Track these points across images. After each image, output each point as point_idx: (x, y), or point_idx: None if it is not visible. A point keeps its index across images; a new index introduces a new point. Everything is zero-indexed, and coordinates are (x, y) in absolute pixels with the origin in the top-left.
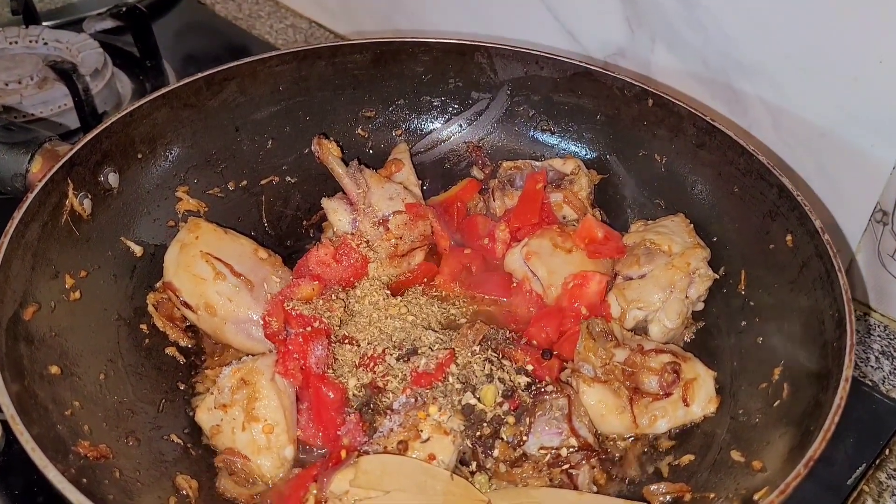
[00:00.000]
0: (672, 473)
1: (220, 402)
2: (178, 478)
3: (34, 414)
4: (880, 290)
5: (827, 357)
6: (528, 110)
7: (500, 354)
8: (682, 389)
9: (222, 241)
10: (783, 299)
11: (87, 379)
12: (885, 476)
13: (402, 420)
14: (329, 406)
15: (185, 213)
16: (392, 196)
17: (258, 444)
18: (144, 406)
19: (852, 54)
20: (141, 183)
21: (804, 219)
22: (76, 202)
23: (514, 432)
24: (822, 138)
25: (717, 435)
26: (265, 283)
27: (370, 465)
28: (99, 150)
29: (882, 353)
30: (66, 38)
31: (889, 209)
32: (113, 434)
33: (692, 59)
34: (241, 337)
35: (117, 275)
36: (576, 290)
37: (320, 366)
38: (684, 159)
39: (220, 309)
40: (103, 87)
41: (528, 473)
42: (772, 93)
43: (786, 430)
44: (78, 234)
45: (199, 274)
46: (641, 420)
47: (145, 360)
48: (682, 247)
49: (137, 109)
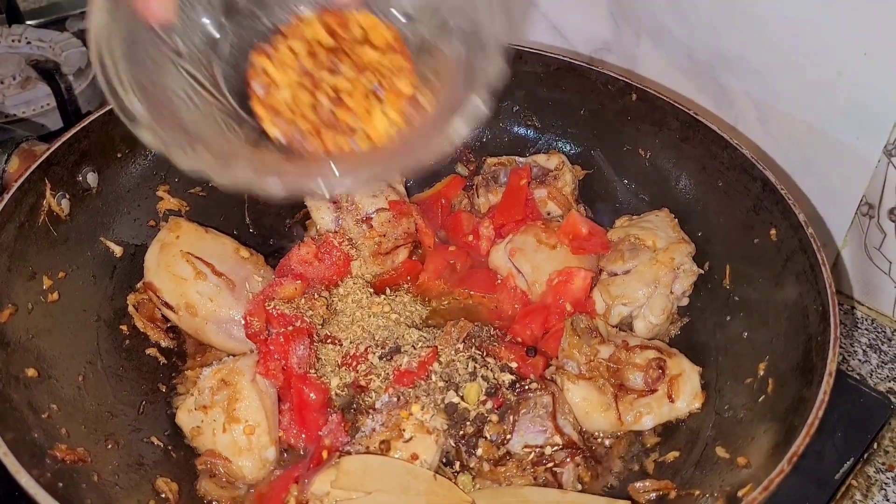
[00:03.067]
0: (657, 470)
1: (201, 404)
2: (158, 481)
3: (9, 419)
4: (867, 283)
5: (811, 351)
6: (511, 105)
7: (484, 352)
8: (667, 385)
9: (203, 240)
10: (768, 294)
11: (65, 381)
12: (874, 470)
13: (385, 419)
14: (311, 407)
15: (167, 212)
16: (375, 193)
17: (239, 446)
18: (124, 408)
19: (837, 47)
20: (121, 182)
21: (788, 213)
22: (54, 202)
23: (498, 431)
24: (808, 132)
25: (703, 431)
26: (247, 282)
27: (352, 465)
28: (77, 149)
29: (869, 346)
30: (50, 37)
31: (875, 202)
32: (91, 437)
33: (678, 54)
34: (222, 337)
35: (97, 275)
36: (560, 286)
37: (302, 366)
38: (668, 154)
39: (201, 309)
40: (87, 86)
41: (512, 472)
42: (757, 87)
43: (770, 426)
44: (56, 234)
45: (180, 274)
46: (626, 417)
47: (125, 362)
48: (667, 242)
49: None
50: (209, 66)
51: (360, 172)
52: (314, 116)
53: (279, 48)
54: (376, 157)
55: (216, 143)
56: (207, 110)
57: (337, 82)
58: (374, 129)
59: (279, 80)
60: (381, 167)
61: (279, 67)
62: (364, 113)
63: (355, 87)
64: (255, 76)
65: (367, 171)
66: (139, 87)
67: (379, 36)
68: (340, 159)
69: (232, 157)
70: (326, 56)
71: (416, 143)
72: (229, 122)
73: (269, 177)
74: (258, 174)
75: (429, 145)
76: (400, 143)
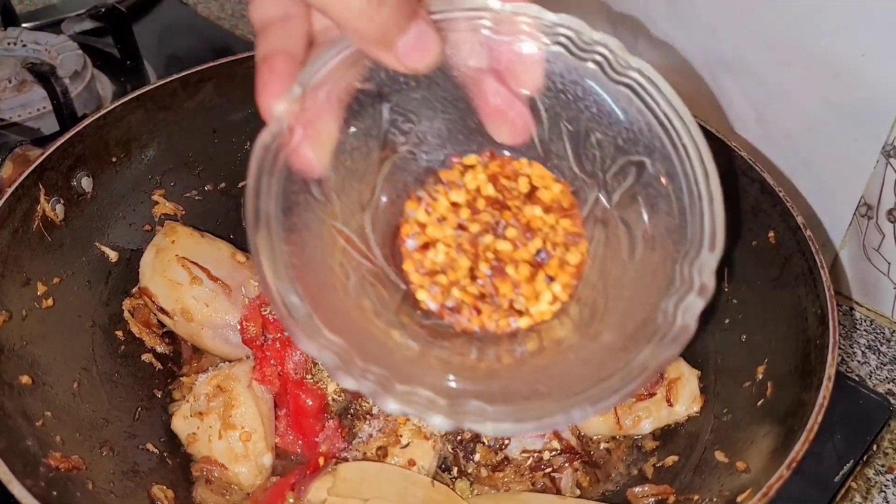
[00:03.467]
0: (656, 475)
1: (196, 410)
2: (154, 488)
3: (2, 427)
4: (866, 284)
5: (810, 354)
6: None
7: None
8: (665, 389)
9: (199, 244)
10: (766, 296)
11: (60, 388)
12: (873, 472)
13: (382, 425)
14: (307, 413)
15: (162, 216)
16: None
17: (235, 452)
18: (120, 415)
19: (834, 48)
20: (116, 187)
21: (786, 215)
22: (48, 207)
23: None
24: (807, 133)
25: (702, 435)
26: (243, 287)
27: (349, 472)
28: (71, 153)
29: (868, 347)
30: (45, 40)
31: (874, 203)
32: (86, 444)
33: (674, 55)
34: (218, 342)
35: (92, 281)
36: None
37: (298, 371)
38: None
39: (196, 314)
40: (83, 89)
41: (510, 478)
42: (755, 87)
43: (770, 430)
44: (50, 239)
45: (175, 279)
46: (625, 421)
47: (121, 368)
48: None
49: (111, 112)
50: (360, 223)
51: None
52: (472, 286)
53: (437, 198)
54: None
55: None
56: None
57: (498, 245)
58: (537, 306)
59: (436, 236)
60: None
61: (436, 222)
62: (528, 286)
63: (519, 253)
64: (409, 230)
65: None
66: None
67: (547, 191)
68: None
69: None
70: (488, 211)
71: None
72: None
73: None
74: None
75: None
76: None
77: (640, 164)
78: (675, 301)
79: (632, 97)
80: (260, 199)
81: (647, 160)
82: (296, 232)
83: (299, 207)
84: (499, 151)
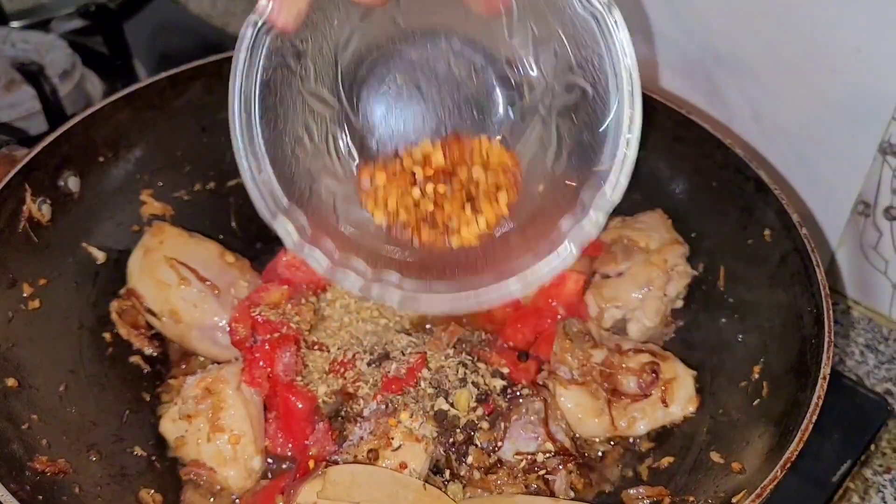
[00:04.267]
0: (651, 476)
1: (185, 413)
2: (142, 492)
3: None
4: (863, 282)
5: (806, 354)
6: None
7: (474, 357)
8: (661, 390)
9: (187, 245)
10: (762, 295)
11: (46, 391)
12: (871, 472)
13: (373, 427)
14: (297, 415)
15: (150, 216)
16: None
17: (224, 456)
18: (107, 418)
19: (830, 45)
20: (103, 187)
21: (782, 213)
22: (34, 208)
23: (489, 438)
24: (803, 130)
25: (697, 436)
26: (232, 287)
27: (339, 475)
28: (58, 153)
29: (866, 346)
30: (35, 39)
31: (871, 200)
32: (73, 448)
33: (671, 52)
34: (206, 344)
35: (79, 282)
36: (552, 289)
37: (288, 373)
38: (661, 153)
39: (185, 315)
40: (72, 88)
41: (504, 480)
42: (751, 85)
43: (765, 430)
44: (37, 240)
45: (164, 279)
46: (620, 422)
47: (109, 370)
48: (660, 243)
49: (99, 111)
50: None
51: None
52: (414, 212)
53: (392, 168)
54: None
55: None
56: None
57: (439, 188)
58: (467, 231)
59: (388, 191)
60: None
61: (390, 180)
62: (460, 216)
63: (456, 196)
64: (365, 175)
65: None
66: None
67: (496, 159)
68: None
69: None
70: (437, 175)
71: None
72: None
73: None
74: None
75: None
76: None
77: (584, 90)
78: (571, 223)
79: (595, 29)
80: (244, 80)
81: (589, 89)
82: (272, 110)
83: (276, 84)
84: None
